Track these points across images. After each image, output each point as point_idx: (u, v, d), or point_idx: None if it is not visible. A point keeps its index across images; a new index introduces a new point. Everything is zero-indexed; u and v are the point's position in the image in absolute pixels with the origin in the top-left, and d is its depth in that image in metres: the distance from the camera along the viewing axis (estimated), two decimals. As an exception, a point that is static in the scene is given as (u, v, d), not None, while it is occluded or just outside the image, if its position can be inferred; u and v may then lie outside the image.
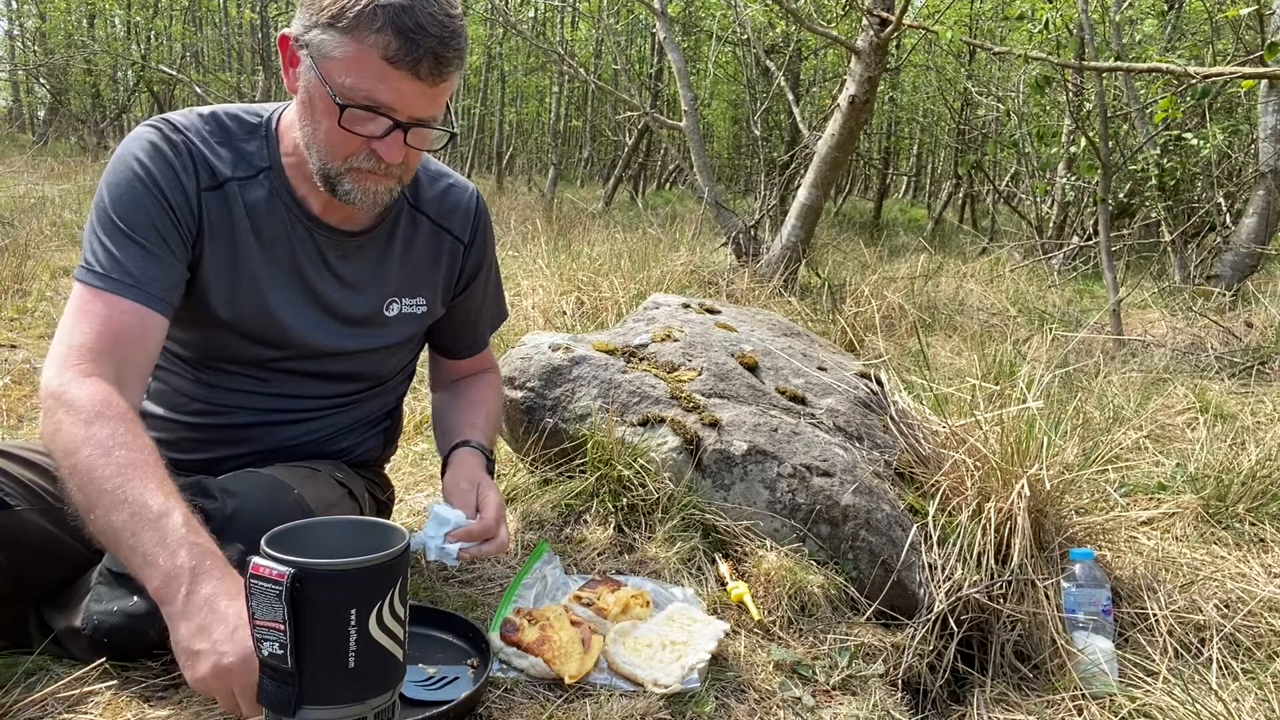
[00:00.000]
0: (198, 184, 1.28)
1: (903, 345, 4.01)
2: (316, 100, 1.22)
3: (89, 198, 6.26)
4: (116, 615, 1.13)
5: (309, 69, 1.21)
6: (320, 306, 1.39)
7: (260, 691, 0.93)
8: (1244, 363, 4.07)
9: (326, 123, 1.22)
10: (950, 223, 13.34)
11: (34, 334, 3.23)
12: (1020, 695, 1.63)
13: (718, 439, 1.78)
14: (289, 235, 1.34)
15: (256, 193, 1.32)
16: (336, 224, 1.37)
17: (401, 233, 1.44)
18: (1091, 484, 2.16)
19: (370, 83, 1.17)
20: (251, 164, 1.32)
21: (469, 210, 1.51)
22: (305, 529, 1.00)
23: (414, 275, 1.46)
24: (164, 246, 1.24)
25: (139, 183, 1.24)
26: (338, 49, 1.17)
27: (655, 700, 1.23)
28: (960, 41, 5.48)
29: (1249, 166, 6.95)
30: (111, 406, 1.12)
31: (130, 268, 1.21)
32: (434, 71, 1.18)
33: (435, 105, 1.24)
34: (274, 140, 1.34)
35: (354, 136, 1.21)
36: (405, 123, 1.21)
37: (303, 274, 1.36)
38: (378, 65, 1.16)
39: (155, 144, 1.26)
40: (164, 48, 16.51)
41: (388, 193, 1.29)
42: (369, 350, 1.45)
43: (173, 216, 1.25)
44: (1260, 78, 4.29)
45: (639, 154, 13.54)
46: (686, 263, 5.26)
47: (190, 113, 1.32)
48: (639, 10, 11.41)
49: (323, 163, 1.26)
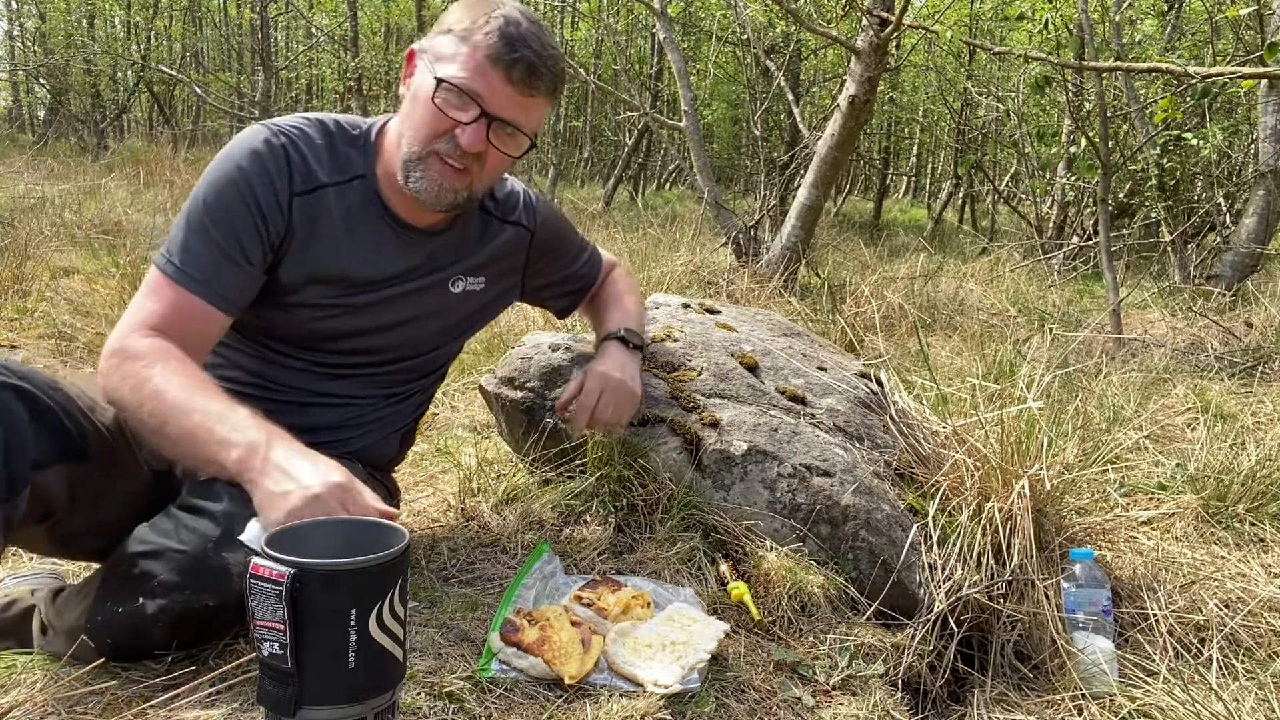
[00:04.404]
0: (290, 187, 1.38)
1: (903, 345, 4.01)
2: (420, 90, 1.37)
3: (89, 198, 6.27)
4: (123, 616, 1.13)
5: (422, 68, 1.37)
6: (391, 277, 1.50)
7: (260, 692, 0.93)
8: (1244, 363, 4.07)
9: (422, 106, 1.35)
10: (950, 223, 13.34)
11: (34, 334, 3.23)
12: (1020, 695, 1.63)
13: (718, 439, 1.78)
14: (375, 233, 1.46)
15: (350, 197, 1.44)
16: (416, 224, 1.49)
17: (473, 229, 1.59)
18: (1091, 484, 2.16)
19: (469, 73, 1.33)
20: (347, 170, 1.44)
21: (525, 203, 1.67)
22: (305, 529, 1.00)
23: (478, 260, 1.60)
24: (241, 253, 1.35)
25: (233, 187, 1.34)
26: (450, 48, 1.35)
27: (655, 700, 1.23)
28: (960, 41, 5.49)
29: (1249, 166, 6.95)
30: (170, 352, 1.26)
31: (206, 266, 1.32)
32: (526, 79, 1.34)
33: (523, 114, 1.37)
34: (371, 150, 1.46)
35: (443, 117, 1.34)
36: (492, 115, 1.34)
37: (381, 254, 1.48)
38: (479, 61, 1.33)
39: (256, 148, 1.36)
40: (164, 48, 16.52)
41: (453, 192, 1.39)
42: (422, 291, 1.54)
43: (260, 222, 1.36)
44: (1260, 78, 4.29)
45: (639, 154, 13.53)
46: (686, 263, 5.26)
47: (297, 118, 1.43)
48: (639, 10, 11.41)
49: (409, 147, 1.38)
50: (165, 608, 1.12)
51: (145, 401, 1.21)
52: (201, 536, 1.15)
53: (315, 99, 20.24)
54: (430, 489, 2.08)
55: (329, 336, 1.49)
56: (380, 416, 1.60)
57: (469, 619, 1.40)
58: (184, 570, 1.13)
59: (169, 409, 1.20)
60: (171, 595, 1.12)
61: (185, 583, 1.12)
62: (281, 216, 1.37)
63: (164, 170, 8.28)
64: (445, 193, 1.39)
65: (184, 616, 1.13)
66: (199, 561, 1.13)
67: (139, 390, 1.22)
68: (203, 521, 1.16)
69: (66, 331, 3.22)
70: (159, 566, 1.13)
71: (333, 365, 1.52)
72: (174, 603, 1.12)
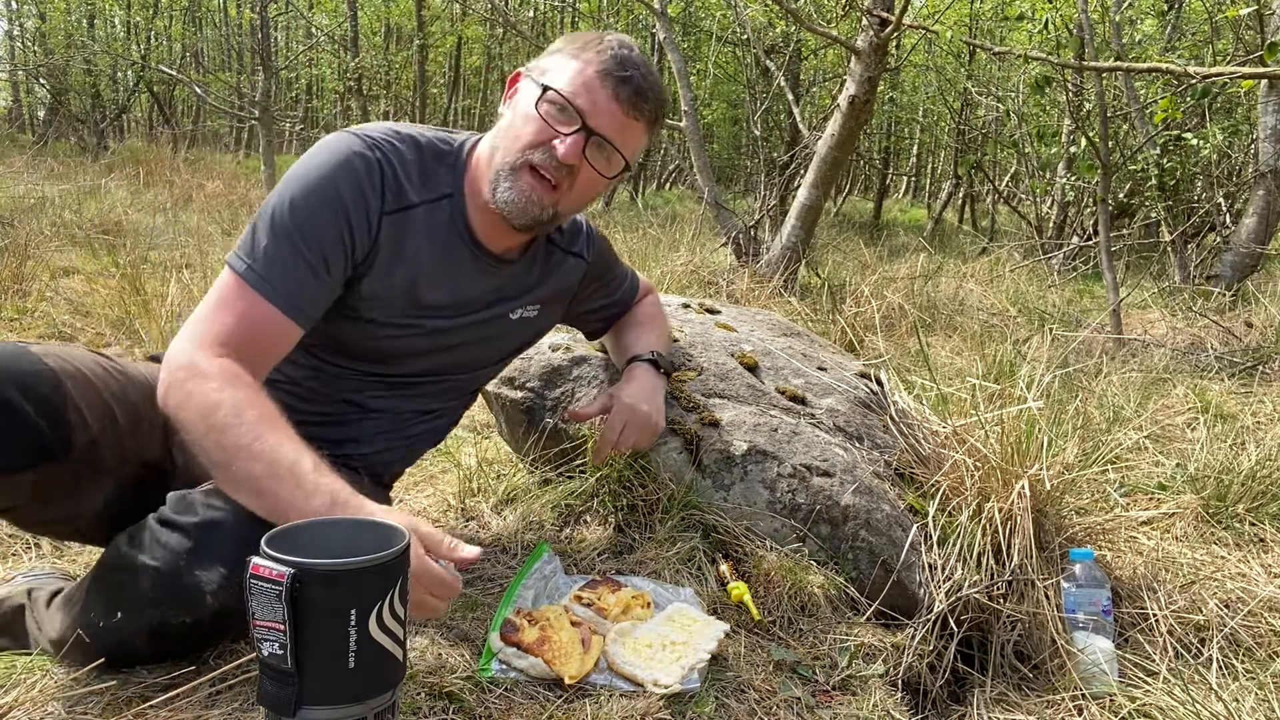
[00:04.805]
0: (382, 205, 1.33)
1: (903, 345, 4.01)
2: (522, 102, 1.37)
3: (89, 198, 6.27)
4: (105, 631, 1.14)
5: (527, 84, 1.38)
6: (461, 303, 1.48)
7: (260, 692, 0.93)
8: (1244, 363, 4.07)
9: (524, 116, 1.35)
10: (950, 223, 13.34)
11: (34, 334, 3.23)
12: (1020, 695, 1.63)
13: (718, 439, 1.78)
14: (455, 257, 1.43)
15: (438, 215, 1.41)
16: (494, 249, 1.46)
17: (540, 259, 1.58)
18: (1091, 484, 2.16)
19: (576, 87, 1.33)
20: (437, 189, 1.41)
21: (586, 233, 1.67)
22: (305, 529, 1.00)
23: (540, 290, 1.59)
24: (324, 265, 1.29)
25: (323, 196, 1.28)
26: (558, 64, 1.36)
27: (655, 700, 1.23)
28: (960, 41, 5.49)
29: (1249, 166, 6.95)
30: (240, 378, 1.19)
31: (286, 275, 1.26)
32: (631, 101, 1.35)
33: (623, 135, 1.37)
34: (461, 168, 1.43)
35: (544, 127, 1.33)
36: (593, 130, 1.33)
37: (457, 280, 1.45)
38: (589, 76, 1.33)
39: (350, 159, 1.31)
40: (164, 48, 16.52)
41: (539, 208, 1.36)
42: (489, 319, 1.53)
43: (347, 236, 1.30)
44: (1260, 78, 4.29)
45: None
46: (686, 263, 5.26)
47: (388, 130, 1.38)
48: (639, 10, 11.40)
49: (504, 157, 1.35)
50: (142, 622, 1.12)
51: (211, 433, 1.15)
52: (173, 553, 1.11)
53: (315, 99, 20.25)
54: (430, 489, 2.08)
55: (391, 355, 1.46)
56: (417, 433, 1.59)
57: (469, 619, 1.40)
58: (156, 587, 1.11)
59: (235, 449, 1.13)
60: (147, 611, 1.11)
61: (160, 599, 1.11)
62: (369, 234, 1.33)
63: (164, 170, 8.29)
64: (532, 206, 1.35)
65: (161, 632, 1.12)
66: (171, 579, 1.11)
67: (206, 418, 1.15)
68: (174, 536, 1.13)
69: (66, 331, 3.22)
70: (134, 582, 1.12)
71: (383, 381, 1.49)
72: (150, 618, 1.11)
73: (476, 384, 1.69)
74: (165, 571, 1.11)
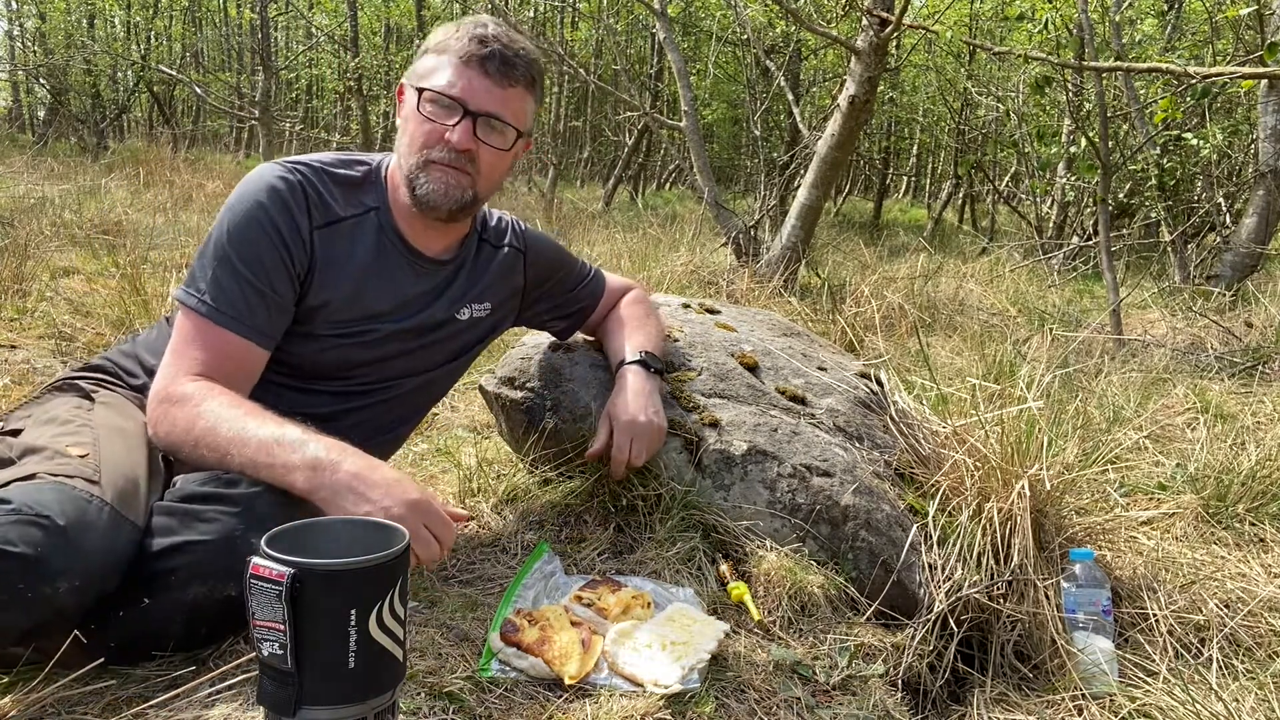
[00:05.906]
0: (310, 222, 1.43)
1: (903, 345, 4.01)
2: (406, 108, 1.47)
3: (89, 198, 6.26)
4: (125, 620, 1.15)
5: (409, 93, 1.47)
6: (405, 305, 1.56)
7: (260, 692, 0.93)
8: (1244, 363, 4.07)
9: (412, 122, 1.45)
10: (950, 223, 13.34)
11: (34, 334, 3.22)
12: (1020, 695, 1.63)
13: (718, 439, 1.78)
14: (391, 263, 1.52)
15: (365, 226, 1.50)
16: (427, 252, 1.56)
17: (473, 257, 1.66)
18: (1091, 484, 2.15)
19: (446, 78, 1.43)
20: (362, 203, 1.51)
21: (512, 225, 1.76)
22: (305, 529, 1.00)
23: (482, 287, 1.67)
24: (270, 287, 1.39)
25: (256, 223, 1.38)
26: (427, 64, 1.46)
27: (655, 700, 1.23)
28: (960, 41, 5.49)
29: (1249, 166, 6.95)
30: (215, 389, 1.30)
31: (236, 301, 1.36)
32: (501, 71, 1.43)
33: (504, 106, 1.45)
34: (383, 183, 1.54)
35: (432, 125, 1.43)
36: (474, 111, 1.42)
37: (396, 284, 1.54)
38: (455, 65, 1.43)
39: (273, 185, 1.41)
40: (164, 48, 16.52)
41: (460, 190, 1.46)
42: (434, 319, 1.60)
43: (285, 256, 1.39)
44: (1260, 78, 4.29)
45: (639, 154, 13.52)
46: (686, 263, 5.26)
47: (306, 157, 1.50)
48: (639, 10, 11.41)
49: (408, 165, 1.46)
50: (180, 601, 1.13)
51: (200, 439, 1.24)
52: (223, 525, 1.15)
53: (315, 99, 20.24)
54: (430, 489, 2.08)
55: (346, 365, 1.53)
56: (393, 437, 1.69)
57: (469, 619, 1.40)
58: (206, 560, 1.13)
59: (225, 442, 1.22)
60: (191, 588, 1.13)
61: (209, 572, 1.13)
62: (305, 250, 1.42)
63: (164, 170, 8.28)
64: (454, 190, 1.45)
65: (200, 610, 1.14)
66: (225, 549, 1.13)
67: (191, 430, 1.25)
68: (220, 508, 1.17)
69: (66, 331, 3.22)
70: (177, 561, 1.13)
71: (346, 393, 1.55)
72: (193, 595, 1.13)
73: (440, 387, 1.75)
74: (218, 542, 1.14)
